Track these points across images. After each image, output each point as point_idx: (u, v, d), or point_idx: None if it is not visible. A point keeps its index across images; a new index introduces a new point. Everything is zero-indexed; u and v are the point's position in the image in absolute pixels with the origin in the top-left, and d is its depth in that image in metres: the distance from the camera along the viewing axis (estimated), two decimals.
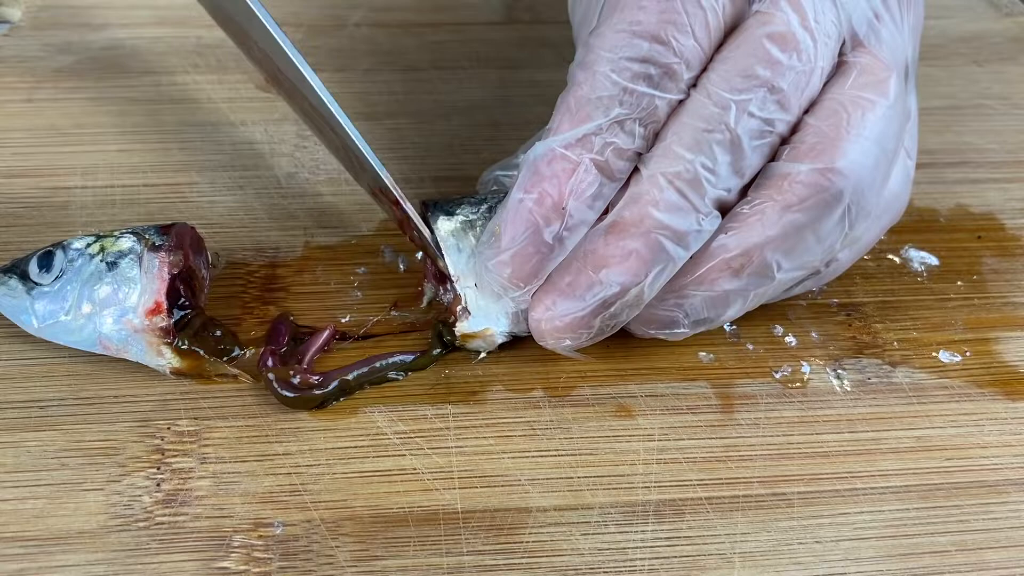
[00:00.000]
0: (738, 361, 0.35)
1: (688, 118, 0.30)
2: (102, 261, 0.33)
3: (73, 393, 0.32)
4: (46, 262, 0.33)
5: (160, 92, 0.45)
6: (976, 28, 0.53)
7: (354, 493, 0.30)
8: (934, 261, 0.39)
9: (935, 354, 0.35)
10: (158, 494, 0.30)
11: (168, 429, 0.31)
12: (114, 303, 0.32)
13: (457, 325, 0.33)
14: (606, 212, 0.31)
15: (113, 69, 0.46)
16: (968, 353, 0.35)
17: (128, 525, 0.29)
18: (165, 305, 0.32)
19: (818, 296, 0.37)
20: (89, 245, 0.33)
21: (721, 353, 0.35)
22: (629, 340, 0.34)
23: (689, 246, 0.30)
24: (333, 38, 0.50)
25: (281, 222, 0.39)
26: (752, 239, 0.30)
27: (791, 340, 0.35)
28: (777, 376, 0.34)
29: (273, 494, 0.30)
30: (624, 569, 0.29)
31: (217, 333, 0.33)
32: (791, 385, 0.34)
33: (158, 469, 0.30)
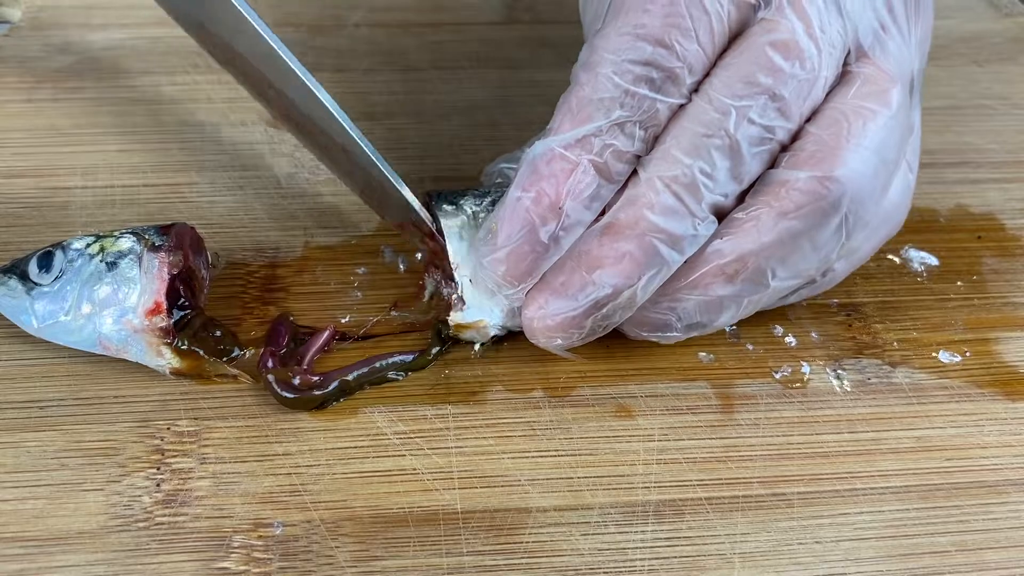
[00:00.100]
0: (738, 361, 0.35)
1: (688, 123, 0.30)
2: (102, 261, 0.33)
3: (73, 393, 0.32)
4: (46, 262, 0.33)
5: (160, 92, 0.45)
6: (976, 28, 0.53)
7: (354, 493, 0.30)
8: (934, 261, 0.39)
9: (935, 354, 0.35)
10: (158, 494, 0.30)
11: (168, 429, 0.31)
12: (114, 303, 0.32)
13: (452, 314, 0.33)
14: (603, 213, 0.31)
15: (113, 69, 0.46)
16: (968, 353, 0.35)
17: (128, 525, 0.29)
18: (165, 305, 0.32)
19: (818, 296, 0.37)
20: (89, 245, 0.33)
21: (721, 353, 0.35)
22: (629, 340, 0.34)
23: (684, 250, 0.30)
24: (333, 38, 0.50)
25: (281, 222, 0.39)
26: (747, 245, 0.30)
27: (791, 340, 0.35)
28: (777, 376, 0.34)
29: (273, 494, 0.30)
30: (624, 569, 0.29)
31: (217, 333, 0.33)
32: (791, 385, 0.34)
33: (158, 469, 0.30)
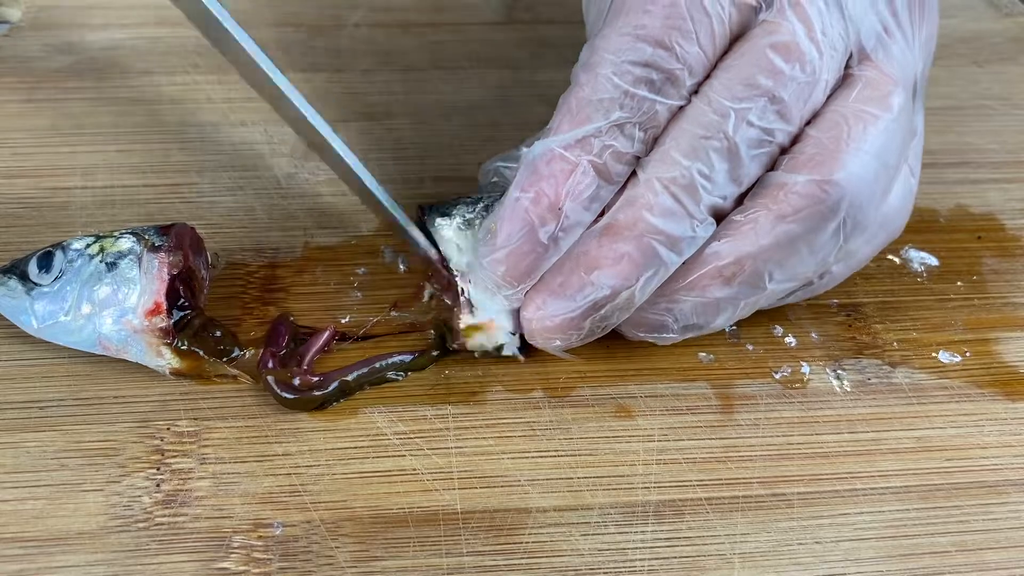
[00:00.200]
0: (738, 361, 0.35)
1: (687, 124, 0.30)
2: (102, 262, 0.33)
3: (73, 394, 0.32)
4: (46, 262, 0.33)
5: (160, 92, 0.45)
6: (976, 28, 0.53)
7: (354, 494, 0.30)
8: (934, 261, 0.39)
9: (935, 354, 0.35)
10: (158, 495, 0.30)
11: (168, 430, 0.31)
12: (114, 304, 0.32)
13: (462, 317, 0.33)
14: (602, 215, 0.31)
15: (113, 69, 0.46)
16: (968, 353, 0.35)
17: (128, 526, 0.29)
18: (165, 306, 0.32)
19: (818, 297, 0.37)
20: (89, 246, 0.33)
21: (721, 354, 0.35)
22: (629, 341, 0.34)
23: (682, 252, 0.30)
24: (333, 38, 0.50)
25: (281, 222, 0.39)
26: (745, 248, 0.30)
27: (791, 340, 0.35)
28: (777, 376, 0.34)
29: (273, 495, 0.30)
30: (624, 570, 0.29)
31: (217, 334, 0.33)
32: (791, 386, 0.34)
33: (158, 470, 0.30)
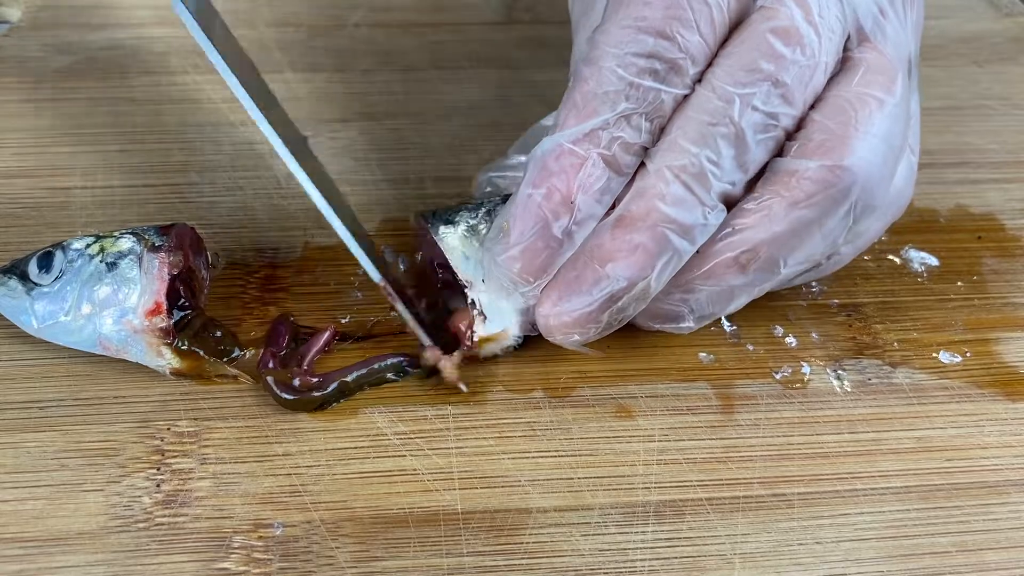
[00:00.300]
0: (738, 362, 0.35)
1: (693, 112, 0.30)
2: (102, 262, 0.33)
3: (73, 394, 0.32)
4: (46, 262, 0.33)
5: (160, 92, 0.45)
6: (976, 28, 0.53)
7: (354, 494, 0.30)
8: (934, 262, 0.39)
9: (935, 355, 0.35)
10: (158, 495, 0.30)
11: (168, 430, 0.31)
12: (114, 304, 0.32)
13: (475, 327, 0.33)
14: (614, 207, 0.31)
15: (113, 69, 0.46)
16: (968, 354, 0.35)
17: (128, 526, 0.29)
18: (165, 306, 0.32)
19: (818, 296, 0.37)
20: (89, 246, 0.33)
21: (721, 354, 0.35)
22: (630, 341, 0.34)
23: (695, 239, 0.30)
24: (333, 38, 0.50)
25: (281, 223, 0.39)
26: (759, 235, 0.30)
27: (791, 341, 0.35)
28: (777, 377, 0.34)
29: (273, 495, 0.30)
30: (624, 570, 0.29)
31: (217, 334, 0.33)
32: (791, 386, 0.34)
33: (158, 470, 0.30)
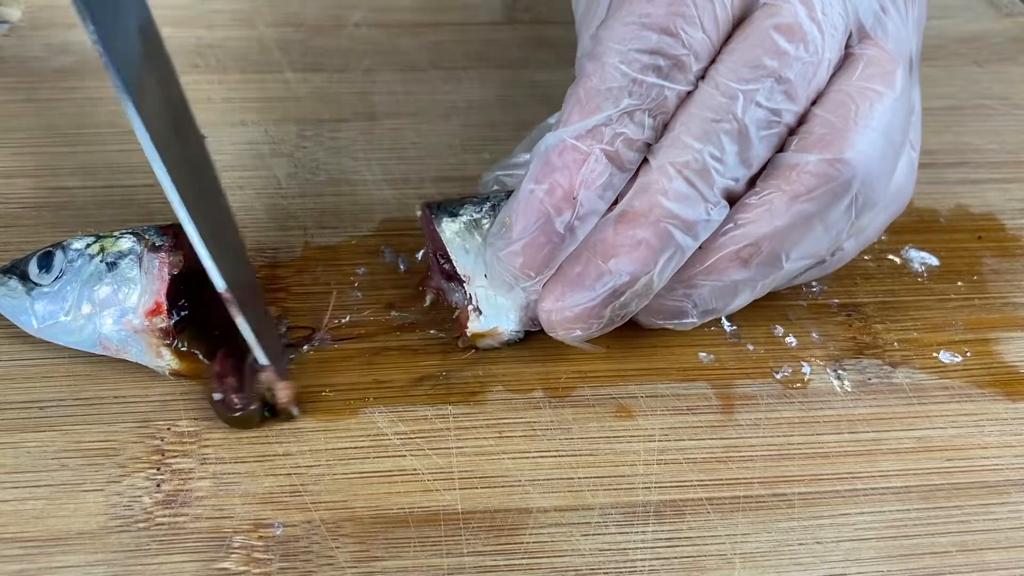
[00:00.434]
0: (738, 361, 0.35)
1: (696, 108, 0.30)
2: (102, 261, 0.33)
3: (73, 394, 0.32)
4: (46, 262, 0.33)
5: None
6: (976, 28, 0.53)
7: (354, 494, 0.30)
8: (934, 261, 0.39)
9: (935, 354, 0.35)
10: (158, 495, 0.30)
11: (168, 430, 0.31)
12: (114, 304, 0.32)
13: (469, 324, 0.33)
14: (616, 203, 0.31)
15: None
16: (968, 353, 0.35)
17: (128, 526, 0.29)
18: (165, 306, 0.32)
19: (818, 296, 0.37)
20: (89, 245, 0.33)
21: (721, 353, 0.35)
22: (630, 340, 0.34)
23: (698, 235, 0.30)
24: (333, 38, 0.50)
25: (281, 222, 0.39)
26: (761, 229, 0.30)
27: (791, 340, 0.35)
28: (777, 376, 0.34)
29: (273, 495, 0.30)
30: (625, 570, 0.29)
31: (217, 334, 0.33)
32: (791, 385, 0.34)
33: (158, 470, 0.30)
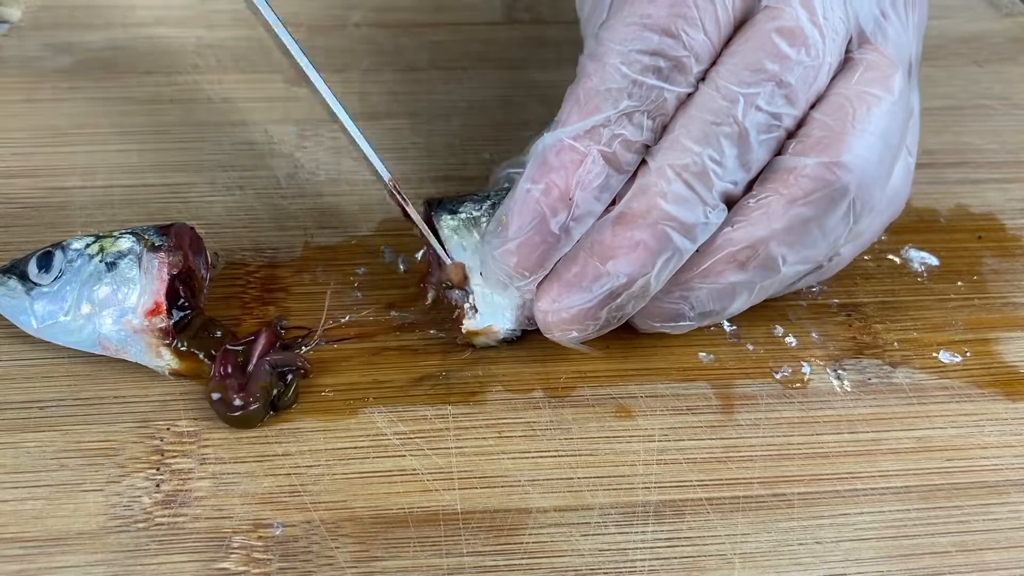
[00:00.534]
0: (738, 361, 0.35)
1: (697, 111, 0.30)
2: (101, 261, 0.33)
3: (72, 394, 0.32)
4: (45, 262, 0.33)
5: (160, 92, 0.45)
6: (976, 28, 0.53)
7: (354, 494, 0.30)
8: (934, 261, 0.39)
9: (935, 354, 0.35)
10: (157, 495, 0.30)
11: (167, 430, 0.31)
12: (113, 303, 0.32)
13: (464, 321, 0.33)
14: (613, 204, 0.31)
15: (113, 69, 0.46)
16: (968, 353, 0.35)
17: (127, 526, 0.29)
18: (164, 306, 0.32)
19: (818, 296, 0.37)
20: (88, 245, 0.33)
21: (721, 353, 0.35)
22: (629, 340, 0.34)
23: (696, 238, 0.30)
24: (333, 38, 0.50)
25: (281, 222, 0.39)
26: (758, 232, 0.30)
27: (791, 340, 0.35)
28: (777, 376, 0.34)
29: (273, 495, 0.30)
30: (624, 570, 0.29)
31: (217, 334, 0.33)
32: (791, 385, 0.34)
33: (157, 470, 0.30)
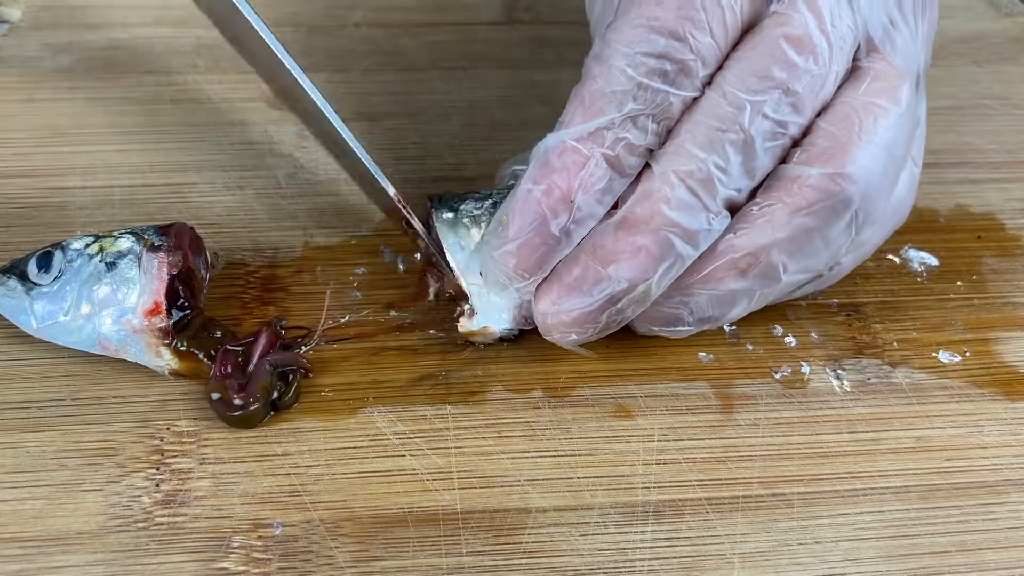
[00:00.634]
0: (738, 361, 0.35)
1: (702, 116, 0.30)
2: (101, 261, 0.33)
3: (72, 394, 0.32)
4: (45, 262, 0.33)
5: (160, 92, 0.45)
6: (976, 28, 0.53)
7: (353, 494, 0.30)
8: (934, 261, 0.39)
9: (935, 354, 0.35)
10: (157, 495, 0.30)
11: (167, 430, 0.31)
12: (113, 303, 0.32)
13: (461, 321, 0.33)
14: (614, 207, 0.31)
15: (113, 69, 0.46)
16: (968, 353, 0.35)
17: (127, 526, 0.29)
18: (164, 305, 0.32)
19: (818, 296, 0.37)
20: (88, 245, 0.33)
21: (721, 353, 0.35)
22: (629, 340, 0.34)
23: (699, 245, 0.30)
24: (333, 38, 0.50)
25: (280, 222, 0.39)
26: (760, 240, 0.30)
27: (791, 340, 0.35)
28: (777, 376, 0.34)
29: (272, 495, 0.30)
30: (624, 570, 0.29)
31: (216, 334, 0.33)
32: (791, 385, 0.34)
33: (157, 470, 0.30)
